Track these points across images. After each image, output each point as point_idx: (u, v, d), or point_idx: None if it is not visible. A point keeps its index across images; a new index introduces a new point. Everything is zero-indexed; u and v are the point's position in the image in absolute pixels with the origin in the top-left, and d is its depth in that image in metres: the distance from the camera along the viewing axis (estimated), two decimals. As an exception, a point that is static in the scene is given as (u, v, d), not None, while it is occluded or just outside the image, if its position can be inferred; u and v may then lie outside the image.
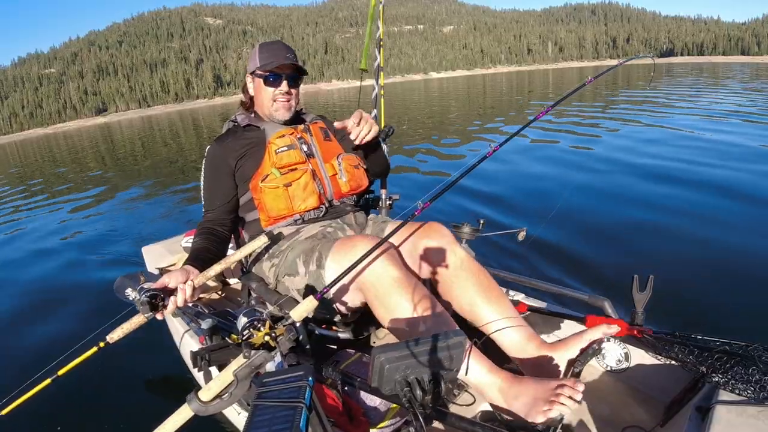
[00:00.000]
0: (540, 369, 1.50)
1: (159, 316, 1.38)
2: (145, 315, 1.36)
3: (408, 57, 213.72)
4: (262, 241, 1.68)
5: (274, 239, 1.81)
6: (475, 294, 1.58)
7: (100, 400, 2.59)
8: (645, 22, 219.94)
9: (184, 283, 1.43)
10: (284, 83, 1.86)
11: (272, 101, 1.88)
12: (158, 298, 1.37)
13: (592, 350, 1.48)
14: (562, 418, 1.24)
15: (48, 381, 1.85)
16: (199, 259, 1.60)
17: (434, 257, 1.65)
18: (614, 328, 1.54)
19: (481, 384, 1.37)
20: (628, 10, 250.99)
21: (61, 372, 1.86)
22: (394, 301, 1.40)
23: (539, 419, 1.26)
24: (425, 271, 1.69)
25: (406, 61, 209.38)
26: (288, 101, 1.89)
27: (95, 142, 29.12)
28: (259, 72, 1.86)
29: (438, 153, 9.64)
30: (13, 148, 40.86)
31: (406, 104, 27.31)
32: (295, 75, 1.89)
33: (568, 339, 1.53)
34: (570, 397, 1.24)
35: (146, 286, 1.39)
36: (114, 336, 1.43)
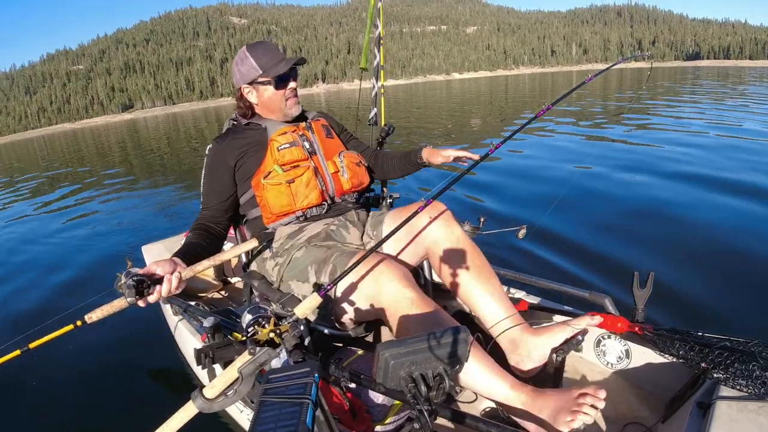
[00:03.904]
0: (523, 353, 1.53)
1: (141, 303, 1.34)
2: (128, 300, 1.31)
3: (430, 57, 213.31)
4: (253, 243, 1.70)
5: (268, 240, 1.82)
6: (467, 272, 1.61)
7: (99, 396, 2.60)
8: (672, 24, 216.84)
9: (171, 273, 1.41)
10: (291, 81, 1.86)
11: (285, 102, 1.87)
12: (144, 284, 1.32)
13: (575, 341, 1.51)
14: (584, 427, 1.25)
15: (17, 352, 1.87)
16: (189, 253, 1.58)
17: (431, 232, 1.67)
18: (597, 319, 1.56)
19: (505, 399, 1.37)
20: (655, 12, 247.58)
21: (32, 345, 1.87)
22: (408, 319, 1.41)
23: (564, 430, 1.26)
24: (422, 245, 1.70)
25: (429, 61, 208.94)
26: (297, 96, 1.90)
27: (121, 137, 29.52)
28: (263, 79, 1.81)
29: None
30: (41, 142, 41.65)
31: (427, 103, 27.24)
32: (295, 69, 1.89)
33: (552, 326, 1.56)
34: (592, 406, 1.25)
35: (133, 270, 1.36)
36: (93, 316, 1.39)
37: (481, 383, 1.37)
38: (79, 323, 1.61)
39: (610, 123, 11.16)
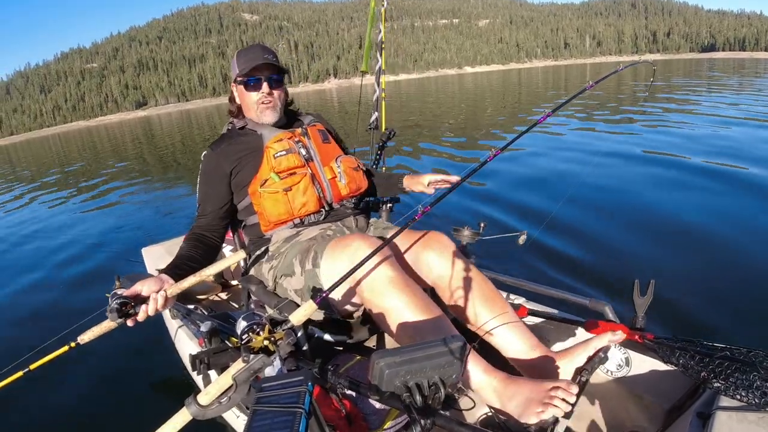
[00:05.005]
0: (547, 377, 1.46)
1: (130, 323, 1.37)
2: (115, 321, 1.35)
3: (442, 51, 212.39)
4: (240, 255, 1.70)
5: (264, 246, 1.82)
6: (479, 305, 1.56)
7: (96, 400, 2.62)
8: (686, 16, 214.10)
9: (157, 292, 1.41)
10: (264, 85, 1.84)
11: (257, 105, 1.86)
12: (128, 306, 1.35)
13: (598, 358, 1.45)
14: (556, 420, 1.22)
15: (20, 373, 1.90)
16: (179, 268, 1.58)
17: (437, 268, 1.64)
18: (619, 335, 1.49)
19: (477, 384, 1.35)
20: (670, 3, 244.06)
21: (32, 366, 1.90)
22: (389, 301, 1.39)
23: (532, 420, 1.24)
24: (427, 282, 1.67)
25: (441, 55, 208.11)
26: (271, 103, 1.88)
27: (135, 135, 29.78)
28: (239, 78, 1.85)
29: (446, 153, 9.52)
30: (56, 140, 42.11)
31: (439, 98, 27.16)
32: (276, 76, 1.87)
33: (574, 347, 1.49)
34: (563, 400, 1.22)
35: (119, 292, 1.38)
36: (84, 338, 1.43)
37: None
38: (73, 344, 1.64)
39: (615, 124, 11.07)
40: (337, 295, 1.52)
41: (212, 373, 1.56)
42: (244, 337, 1.16)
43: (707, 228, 4.10)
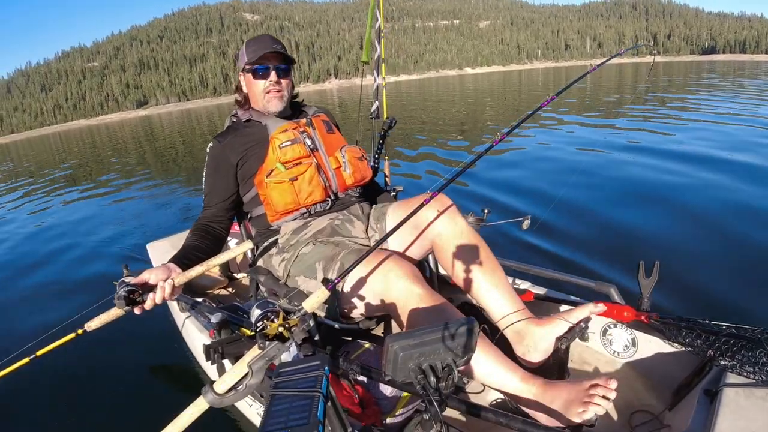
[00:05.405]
0: (529, 344, 1.53)
1: (137, 311, 1.37)
2: (122, 309, 1.35)
3: (443, 52, 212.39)
4: (248, 245, 1.70)
5: (272, 238, 1.84)
6: (472, 264, 1.59)
7: (106, 395, 2.61)
8: (687, 18, 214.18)
9: (165, 280, 1.42)
10: (273, 74, 1.85)
11: (264, 94, 1.88)
12: (136, 294, 1.35)
13: (579, 329, 1.50)
14: (596, 418, 1.24)
15: (26, 360, 1.92)
16: (186, 257, 1.60)
17: (436, 225, 1.66)
18: (600, 307, 1.55)
19: (515, 390, 1.37)
20: (671, 5, 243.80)
21: (39, 353, 1.92)
22: (417, 314, 1.41)
23: (576, 420, 1.26)
24: (426, 239, 1.69)
25: (441, 56, 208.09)
26: (279, 92, 1.88)
27: (135, 134, 29.77)
28: (247, 67, 1.86)
29: (446, 146, 9.55)
30: (56, 139, 42.12)
31: (440, 98, 27.17)
32: (284, 65, 1.88)
33: (556, 316, 1.54)
34: (604, 397, 1.24)
35: (127, 279, 1.39)
36: (92, 325, 1.45)
37: (491, 375, 1.38)
38: (80, 331, 1.65)
39: (617, 113, 11.18)
40: (357, 304, 1.54)
41: (226, 362, 1.57)
42: (258, 324, 1.16)
43: (710, 210, 4.15)
